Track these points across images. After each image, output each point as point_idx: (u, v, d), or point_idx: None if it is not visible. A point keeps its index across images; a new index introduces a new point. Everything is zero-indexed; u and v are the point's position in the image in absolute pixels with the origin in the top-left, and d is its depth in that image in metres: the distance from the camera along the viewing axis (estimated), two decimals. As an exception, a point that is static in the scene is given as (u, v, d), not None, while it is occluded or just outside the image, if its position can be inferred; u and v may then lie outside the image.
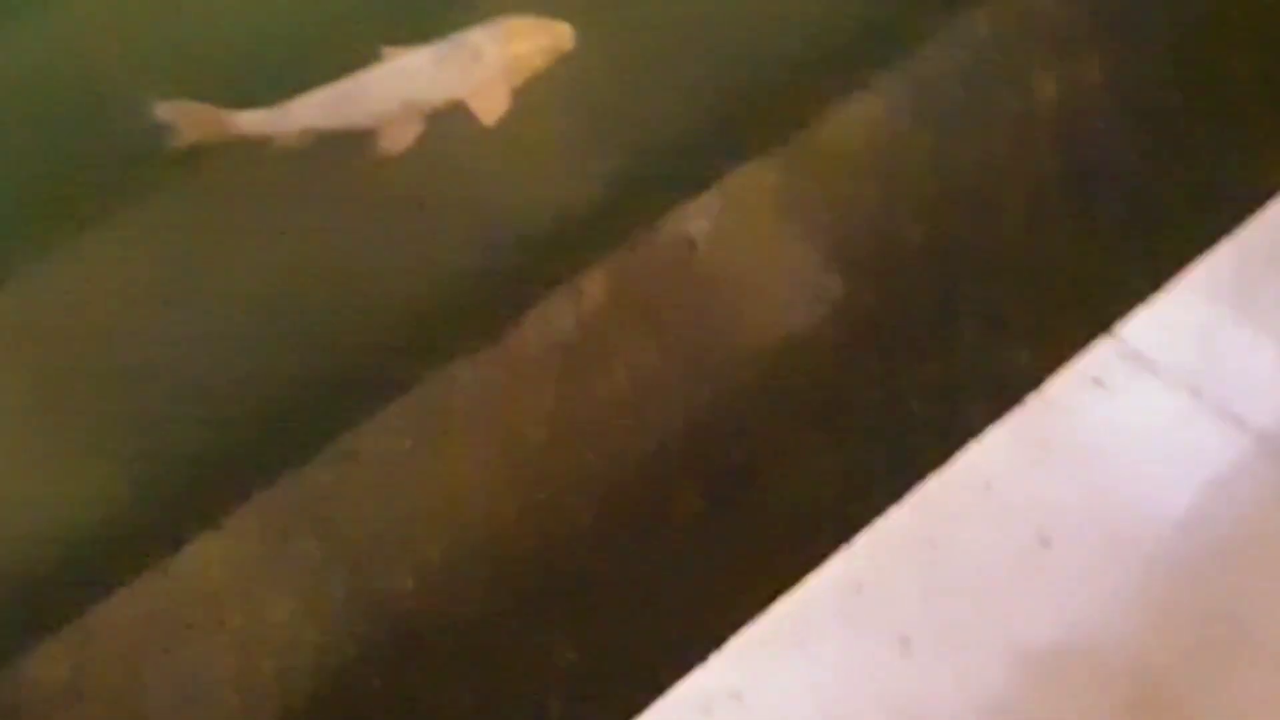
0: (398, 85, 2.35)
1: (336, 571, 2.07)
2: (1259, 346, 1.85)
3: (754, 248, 2.39)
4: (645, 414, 2.24)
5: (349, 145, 2.36)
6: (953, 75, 2.54)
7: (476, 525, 2.14)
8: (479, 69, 2.36)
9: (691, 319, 2.33)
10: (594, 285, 2.32)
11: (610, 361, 2.27)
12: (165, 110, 2.31)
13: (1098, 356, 1.84)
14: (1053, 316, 2.18)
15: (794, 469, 2.12)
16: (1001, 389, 2.01)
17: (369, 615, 2.06)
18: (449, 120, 2.40)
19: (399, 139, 2.34)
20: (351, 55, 2.39)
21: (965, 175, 2.46)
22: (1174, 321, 1.86)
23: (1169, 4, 2.57)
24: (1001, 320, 2.29)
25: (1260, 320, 1.86)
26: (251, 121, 2.32)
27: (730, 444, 2.22)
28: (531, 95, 2.42)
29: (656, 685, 1.78)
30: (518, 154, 2.43)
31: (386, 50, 2.37)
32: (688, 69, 2.54)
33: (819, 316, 2.32)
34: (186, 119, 2.32)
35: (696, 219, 2.38)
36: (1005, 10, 2.59)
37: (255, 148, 2.34)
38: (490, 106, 2.35)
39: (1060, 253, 2.37)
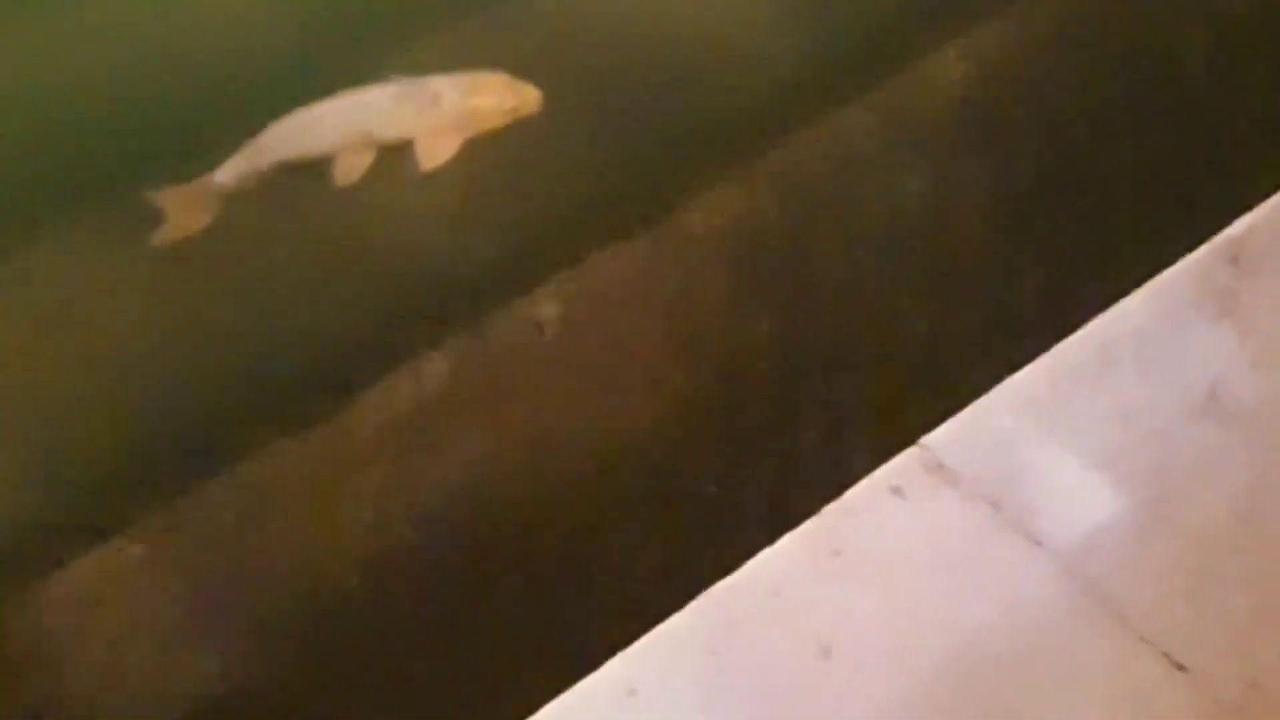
0: (355, 117, 2.41)
1: (140, 646, 2.04)
2: (1062, 464, 1.83)
3: (603, 335, 2.37)
4: (475, 501, 2.22)
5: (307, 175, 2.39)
6: (823, 167, 2.52)
7: (293, 606, 2.12)
8: (434, 113, 2.41)
9: (532, 405, 2.30)
10: (436, 366, 2.29)
11: (445, 446, 2.25)
12: (152, 198, 2.36)
13: (899, 465, 1.82)
14: (876, 420, 2.16)
15: (609, 563, 2.10)
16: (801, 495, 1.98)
17: (172, 695, 2.03)
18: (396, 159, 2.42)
19: (351, 170, 2.38)
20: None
21: (823, 271, 2.44)
22: (980, 433, 1.84)
23: (1042, 106, 2.56)
24: (842, 422, 2.26)
25: (1066, 438, 1.84)
26: (226, 174, 2.37)
27: (554, 532, 2.19)
28: (478, 150, 2.43)
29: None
30: (430, 206, 2.43)
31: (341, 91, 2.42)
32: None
33: (661, 408, 2.30)
34: (173, 204, 2.35)
35: (547, 303, 2.36)
36: (881, 105, 2.58)
37: (234, 193, 2.37)
38: (435, 152, 2.39)
39: (910, 351, 2.35)
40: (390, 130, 2.42)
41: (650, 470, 2.25)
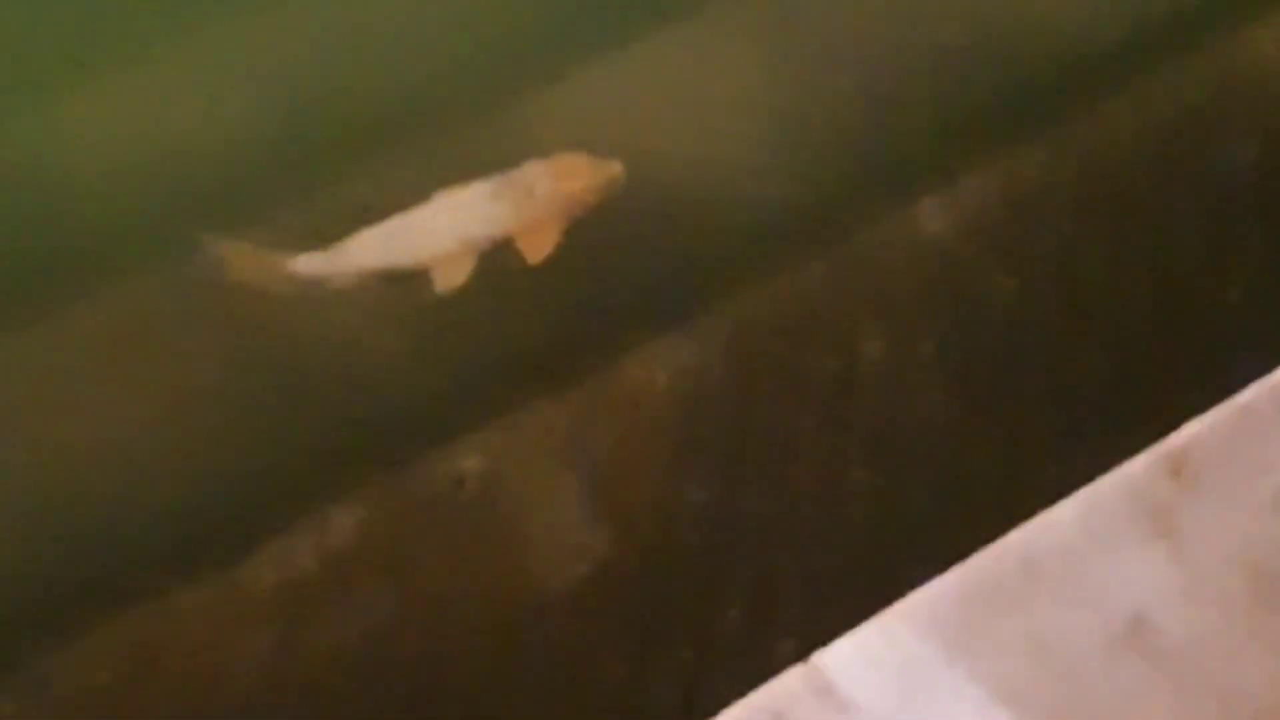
0: (451, 221, 2.34)
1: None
2: (964, 695, 1.67)
3: (525, 493, 2.24)
4: (369, 669, 2.09)
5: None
6: (777, 324, 2.39)
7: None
8: (531, 205, 2.34)
9: (442, 565, 2.18)
10: (343, 518, 2.18)
11: (345, 607, 2.13)
12: (215, 248, 2.29)
13: (785, 686, 1.67)
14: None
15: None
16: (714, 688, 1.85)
17: None
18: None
19: (453, 276, 2.31)
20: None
21: (764, 438, 2.30)
22: (877, 655, 1.69)
23: (1017, 272, 2.42)
24: (764, 610, 2.12)
25: (971, 665, 1.68)
26: (308, 265, 2.29)
27: (449, 709, 2.06)
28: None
29: None
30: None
31: (437, 192, 2.36)
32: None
33: (578, 578, 2.17)
34: (242, 264, 2.29)
35: (470, 456, 2.25)
36: (846, 259, 2.45)
37: (310, 289, 2.30)
38: (539, 244, 2.34)
39: (844, 536, 2.21)
40: (491, 230, 2.35)
41: (560, 645, 2.12)
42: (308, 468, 2.22)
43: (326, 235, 2.33)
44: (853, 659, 1.70)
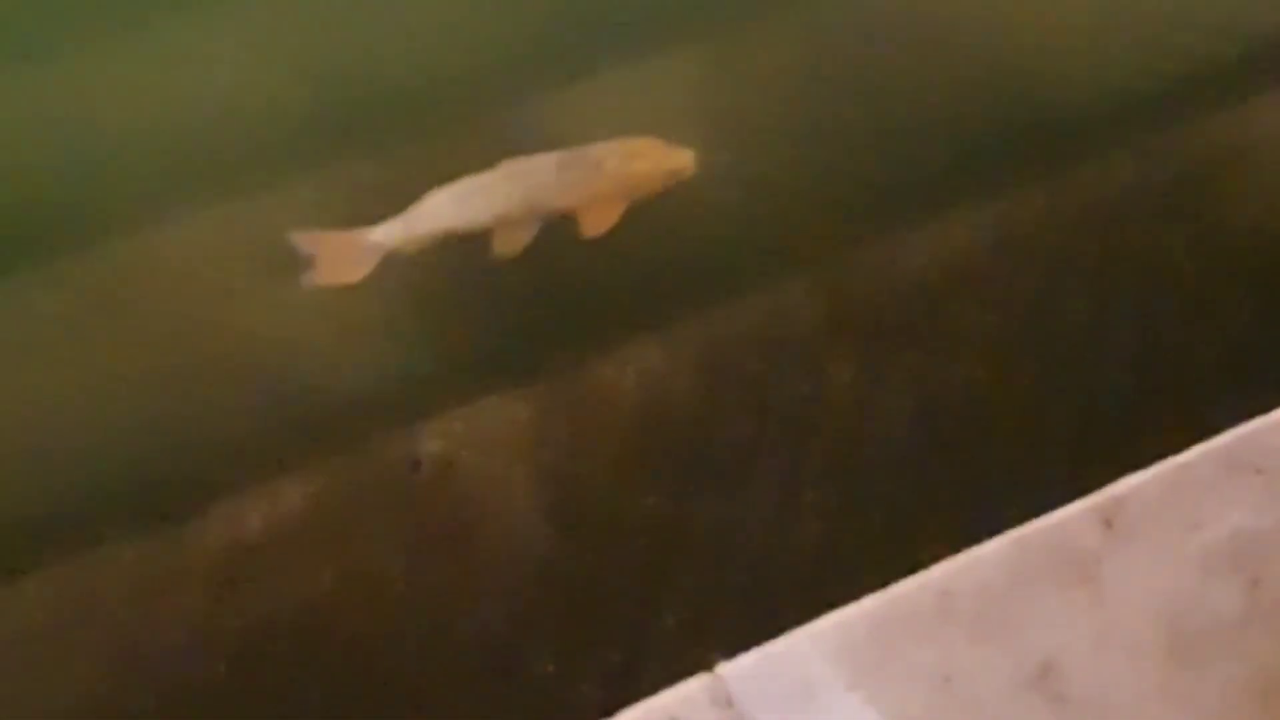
0: (518, 187, 2.37)
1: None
2: (862, 718, 1.67)
3: (479, 482, 2.25)
4: (302, 638, 2.11)
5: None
6: (748, 340, 2.39)
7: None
8: (598, 181, 2.37)
9: (387, 545, 2.19)
10: (294, 489, 2.20)
11: (285, 575, 2.14)
12: (302, 241, 2.32)
13: (687, 693, 1.67)
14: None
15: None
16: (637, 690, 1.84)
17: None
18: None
19: (514, 241, 2.34)
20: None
21: (724, 450, 2.31)
22: (781, 671, 1.69)
23: (996, 312, 2.41)
24: (700, 619, 2.12)
25: (872, 691, 1.68)
26: (385, 235, 2.33)
27: (372, 690, 2.07)
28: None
29: None
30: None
31: (504, 161, 2.39)
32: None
33: (518, 571, 2.18)
34: (323, 250, 2.32)
35: (430, 440, 2.26)
36: (829, 285, 2.44)
37: (392, 255, 2.33)
38: (599, 220, 2.36)
39: (791, 553, 2.20)
40: (555, 200, 2.38)
41: (492, 636, 2.13)
42: (264, 436, 2.24)
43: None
44: (757, 673, 1.70)
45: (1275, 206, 2.44)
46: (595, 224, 2.37)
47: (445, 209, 2.35)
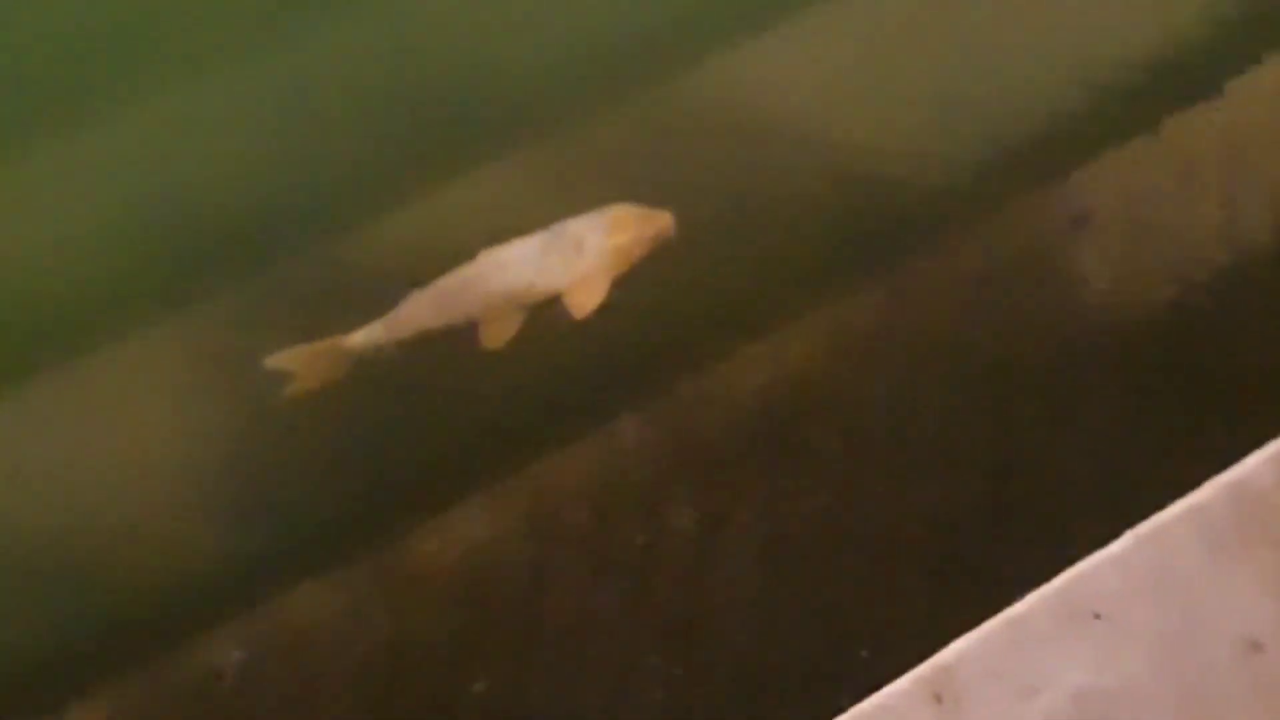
0: (502, 278, 2.27)
1: None
2: None
3: (289, 689, 2.06)
4: None
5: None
6: (583, 491, 2.20)
7: None
8: (582, 260, 2.27)
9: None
10: (90, 716, 2.01)
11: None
12: (277, 360, 2.23)
13: None
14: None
15: None
16: None
17: None
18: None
19: (500, 333, 2.25)
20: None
21: (558, 617, 2.11)
22: None
23: (828, 434, 2.21)
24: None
25: None
26: (366, 338, 2.24)
27: None
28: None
29: None
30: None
31: (483, 252, 2.29)
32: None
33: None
34: (300, 364, 2.23)
35: (233, 646, 2.07)
36: (662, 417, 2.25)
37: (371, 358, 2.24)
38: (587, 300, 2.27)
39: None
40: (541, 286, 2.28)
41: None
42: (51, 663, 2.05)
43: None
44: None
45: (1120, 277, 2.25)
46: (583, 304, 2.26)
47: (425, 309, 2.25)
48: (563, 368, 2.33)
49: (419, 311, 2.25)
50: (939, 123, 2.46)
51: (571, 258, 2.27)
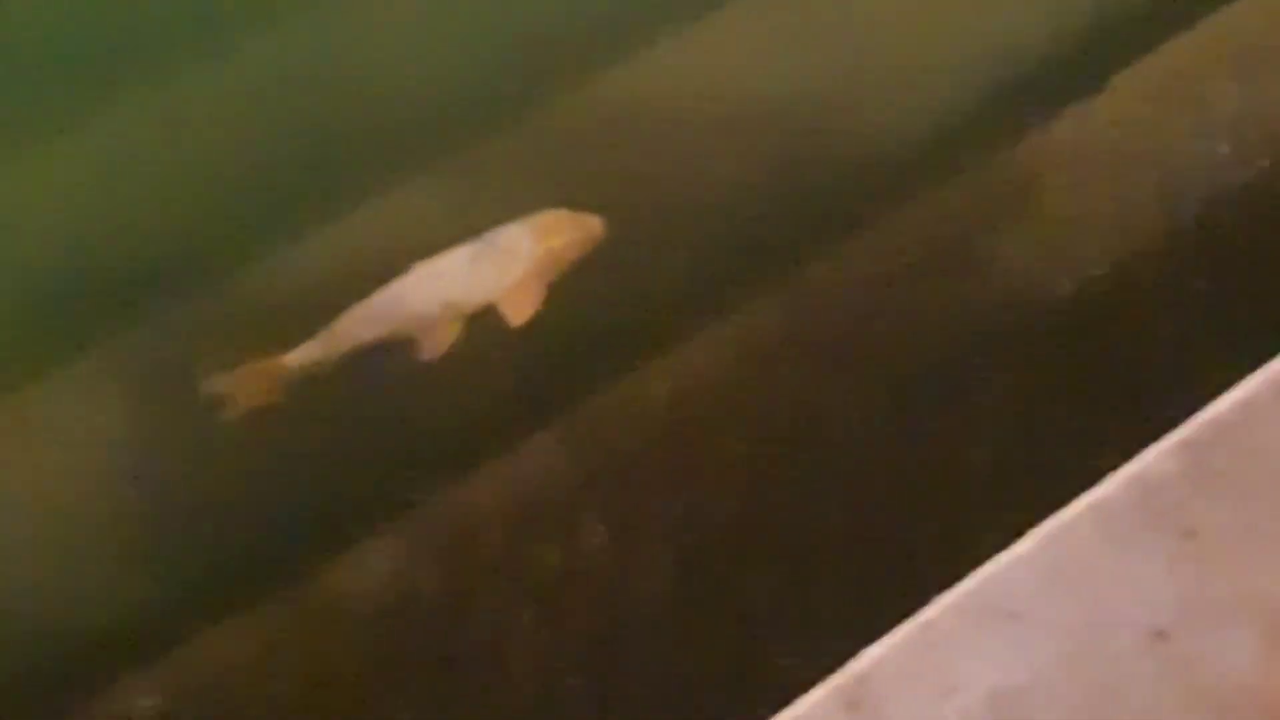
0: (435, 289, 2.28)
1: None
2: None
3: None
4: None
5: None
6: (496, 515, 2.19)
7: None
8: (514, 267, 2.29)
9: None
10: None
11: None
12: (216, 382, 2.23)
13: None
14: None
15: None
16: None
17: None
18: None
19: (438, 344, 2.26)
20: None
21: (479, 644, 2.11)
22: None
23: (735, 440, 2.22)
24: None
25: None
26: (303, 356, 2.24)
27: None
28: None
29: None
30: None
31: (416, 264, 2.29)
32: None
33: None
34: (238, 384, 2.23)
35: (143, 695, 2.04)
36: (572, 433, 2.25)
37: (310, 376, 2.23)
38: (522, 307, 2.29)
39: None
40: (474, 295, 2.30)
41: None
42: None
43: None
44: None
45: (1018, 273, 2.27)
46: (519, 312, 2.28)
47: (360, 324, 2.26)
48: (467, 390, 2.32)
49: (354, 327, 2.25)
50: (838, 123, 2.48)
51: (505, 264, 2.29)
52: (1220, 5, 2.47)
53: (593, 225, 2.31)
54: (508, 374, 2.34)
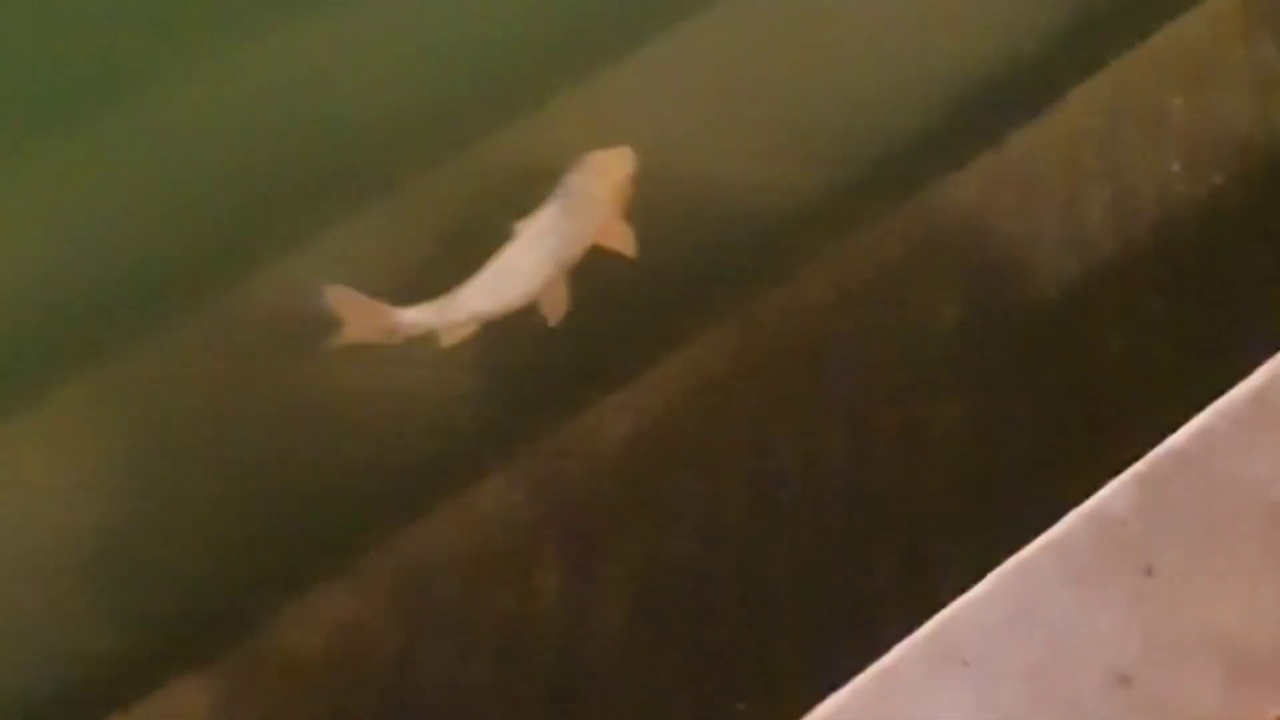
0: (544, 248, 2.25)
1: None
2: None
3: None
4: None
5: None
6: (442, 560, 2.16)
7: None
8: (597, 210, 2.28)
9: None
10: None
11: None
12: (334, 299, 2.20)
13: None
14: None
15: None
16: None
17: None
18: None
19: (558, 304, 2.25)
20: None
21: (431, 695, 2.07)
22: None
23: (693, 479, 2.19)
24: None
25: None
26: (419, 317, 2.21)
27: None
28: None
29: None
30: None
31: (515, 225, 2.26)
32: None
33: None
34: (353, 313, 2.20)
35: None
36: (525, 476, 2.21)
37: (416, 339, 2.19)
38: (624, 240, 2.28)
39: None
40: (577, 246, 2.27)
41: None
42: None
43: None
44: None
45: (972, 298, 2.24)
46: (624, 244, 2.28)
47: (479, 294, 2.23)
48: (419, 431, 2.29)
49: (472, 297, 2.22)
50: (784, 150, 2.45)
51: (589, 210, 2.27)
52: (1171, 20, 2.45)
53: (628, 155, 2.31)
54: (461, 412, 2.30)
